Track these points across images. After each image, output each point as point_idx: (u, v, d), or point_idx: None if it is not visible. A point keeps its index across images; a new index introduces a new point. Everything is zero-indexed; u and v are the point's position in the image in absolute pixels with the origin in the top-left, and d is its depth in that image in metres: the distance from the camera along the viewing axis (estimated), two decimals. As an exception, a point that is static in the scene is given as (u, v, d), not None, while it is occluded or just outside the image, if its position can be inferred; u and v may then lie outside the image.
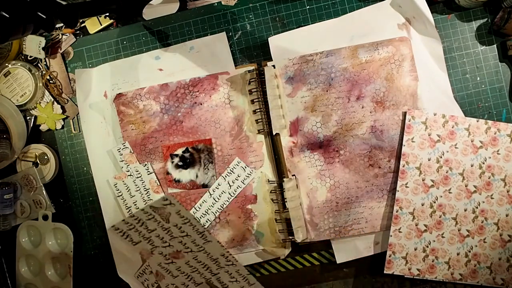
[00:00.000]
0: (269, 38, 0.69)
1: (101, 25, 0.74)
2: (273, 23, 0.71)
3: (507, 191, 0.63)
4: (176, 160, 0.70)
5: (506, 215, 0.63)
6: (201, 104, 0.70)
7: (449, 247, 0.64)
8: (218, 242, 0.55)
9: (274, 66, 0.67)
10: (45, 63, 0.74)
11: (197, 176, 0.70)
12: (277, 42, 0.69)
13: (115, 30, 0.74)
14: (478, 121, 0.64)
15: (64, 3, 0.53)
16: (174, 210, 0.54)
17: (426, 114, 0.64)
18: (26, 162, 0.75)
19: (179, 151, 0.70)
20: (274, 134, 0.67)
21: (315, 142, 0.67)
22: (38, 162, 0.74)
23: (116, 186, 0.70)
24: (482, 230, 0.64)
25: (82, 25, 0.74)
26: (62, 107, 0.75)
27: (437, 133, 0.64)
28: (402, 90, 0.66)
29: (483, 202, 0.64)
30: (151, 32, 0.73)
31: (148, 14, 0.68)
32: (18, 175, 0.75)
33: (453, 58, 0.69)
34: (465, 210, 0.64)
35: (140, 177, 0.70)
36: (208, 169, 0.70)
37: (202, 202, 0.69)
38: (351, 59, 0.66)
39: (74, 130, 0.75)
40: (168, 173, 0.70)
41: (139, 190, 0.70)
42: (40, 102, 0.75)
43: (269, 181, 0.69)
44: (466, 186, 0.64)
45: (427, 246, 0.64)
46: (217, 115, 0.70)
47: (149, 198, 0.70)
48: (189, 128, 0.70)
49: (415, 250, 0.64)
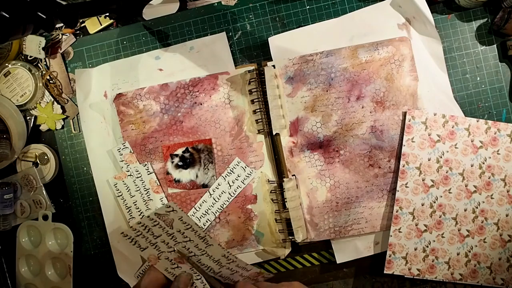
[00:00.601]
0: (269, 38, 0.69)
1: (101, 25, 0.74)
2: (273, 23, 0.71)
3: (507, 191, 0.63)
4: (176, 160, 0.70)
5: (506, 215, 0.63)
6: (201, 104, 0.70)
7: (449, 247, 0.64)
8: (219, 244, 0.56)
9: (274, 66, 0.67)
10: (45, 63, 0.74)
11: (197, 176, 0.70)
12: (277, 42, 0.69)
13: (115, 30, 0.74)
14: (478, 121, 0.64)
15: (64, 3, 0.53)
16: (176, 217, 0.55)
17: (426, 114, 0.64)
18: (26, 162, 0.75)
19: (179, 151, 0.70)
20: (274, 134, 0.67)
21: (315, 142, 0.67)
22: (38, 162, 0.74)
23: (116, 186, 0.71)
24: (482, 230, 0.63)
25: (82, 25, 0.74)
26: (62, 107, 0.75)
27: (437, 133, 0.64)
28: (402, 90, 0.66)
29: (483, 202, 0.64)
30: (151, 32, 0.73)
31: (148, 14, 0.68)
32: (18, 175, 0.75)
33: (453, 58, 0.69)
34: (465, 210, 0.64)
35: (140, 177, 0.70)
36: (208, 169, 0.70)
37: (202, 202, 0.69)
38: (351, 59, 0.66)
39: (74, 130, 0.75)
40: (168, 173, 0.70)
41: (139, 190, 0.70)
42: (40, 102, 0.75)
43: (269, 181, 0.69)
44: (466, 186, 0.64)
45: (427, 246, 0.64)
46: (217, 115, 0.70)
47: (149, 198, 0.70)
48: (189, 128, 0.70)
49: (415, 250, 0.64)
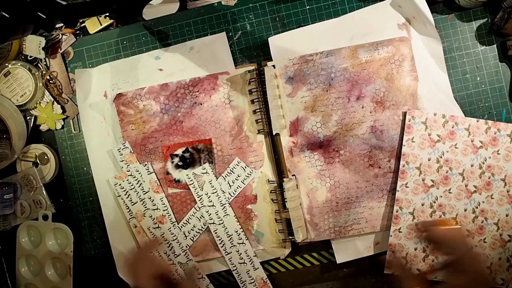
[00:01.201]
0: (269, 38, 0.69)
1: (101, 25, 0.74)
2: (273, 23, 0.71)
3: (507, 191, 0.63)
4: (176, 160, 0.70)
5: (506, 215, 0.63)
6: (201, 104, 0.70)
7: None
8: (234, 216, 0.57)
9: (274, 66, 0.67)
10: (45, 63, 0.74)
11: (197, 176, 0.70)
12: (277, 42, 0.69)
13: (115, 30, 0.74)
14: (478, 121, 0.64)
15: (64, 3, 0.53)
16: (208, 179, 0.57)
17: (426, 114, 0.64)
18: (26, 162, 0.75)
19: (179, 151, 0.70)
20: (274, 134, 0.67)
21: (315, 142, 0.67)
22: (38, 162, 0.74)
23: (116, 186, 0.70)
24: (482, 230, 0.63)
25: (82, 25, 0.74)
26: (62, 107, 0.75)
27: (437, 133, 0.64)
28: (402, 90, 0.66)
29: (483, 202, 0.64)
30: (151, 32, 0.73)
31: (148, 14, 0.68)
32: (18, 175, 0.75)
33: (453, 58, 0.69)
34: (465, 210, 0.64)
35: (140, 177, 0.70)
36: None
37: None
38: (351, 59, 0.66)
39: (74, 130, 0.75)
40: (168, 173, 0.70)
41: (139, 190, 0.70)
42: (40, 102, 0.75)
43: (269, 181, 0.69)
44: (466, 186, 0.64)
45: (427, 246, 0.64)
46: (217, 115, 0.70)
47: (149, 198, 0.70)
48: (189, 128, 0.70)
49: (415, 250, 0.64)
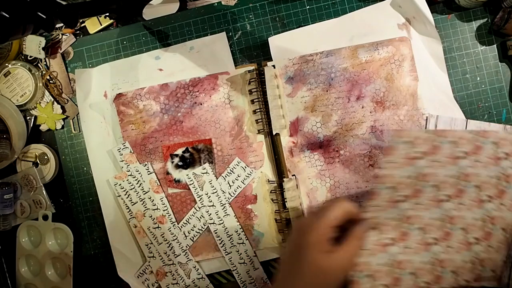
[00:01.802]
0: (269, 38, 0.69)
1: (101, 25, 0.74)
2: (273, 23, 0.71)
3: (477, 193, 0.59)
4: (176, 160, 0.70)
5: (475, 219, 0.59)
6: (201, 104, 0.70)
7: (414, 257, 0.59)
8: (234, 216, 0.56)
9: (274, 66, 0.67)
10: (45, 63, 0.74)
11: (197, 176, 0.70)
12: (277, 42, 0.69)
13: (115, 30, 0.74)
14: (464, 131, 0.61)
15: (64, 3, 0.53)
16: (208, 179, 0.56)
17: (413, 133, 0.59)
18: (26, 162, 0.75)
19: (179, 151, 0.70)
20: (274, 134, 0.67)
21: (315, 142, 0.67)
22: (38, 162, 0.74)
23: (116, 186, 0.71)
24: (449, 236, 0.59)
25: (82, 25, 0.74)
26: (62, 107, 0.75)
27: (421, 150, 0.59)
28: (402, 90, 0.66)
29: (454, 209, 0.59)
30: (151, 32, 0.73)
31: (148, 14, 0.68)
32: (18, 175, 0.75)
33: (453, 58, 0.69)
34: (432, 219, 0.59)
35: (140, 177, 0.70)
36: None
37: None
38: (351, 59, 0.66)
39: (74, 130, 0.75)
40: (168, 173, 0.70)
41: (139, 190, 0.70)
42: (40, 102, 0.75)
43: (269, 181, 0.69)
44: (437, 196, 0.59)
45: (394, 259, 0.59)
46: (217, 115, 0.70)
47: (149, 198, 0.70)
48: (189, 128, 0.70)
49: (379, 265, 0.58)
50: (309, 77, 0.67)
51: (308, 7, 0.70)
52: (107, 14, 0.73)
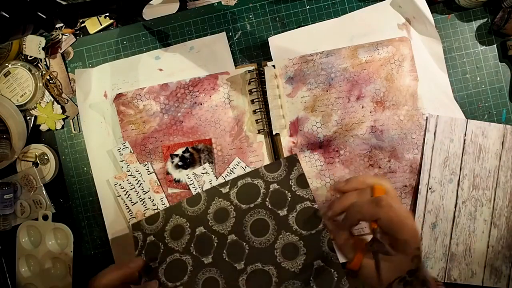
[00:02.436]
0: (269, 38, 0.69)
1: (101, 25, 0.74)
2: (273, 23, 0.71)
3: None
4: (176, 160, 0.70)
5: None
6: (201, 104, 0.70)
7: None
8: None
9: (274, 66, 0.67)
10: (45, 63, 0.74)
11: (197, 176, 0.70)
12: (277, 42, 0.69)
13: (115, 30, 0.74)
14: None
15: (64, 3, 0.53)
16: (208, 179, 0.64)
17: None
18: (26, 162, 0.75)
19: (179, 151, 0.70)
20: (274, 134, 0.67)
21: (315, 142, 0.67)
22: (38, 162, 0.74)
23: (116, 186, 0.71)
24: None
25: (82, 25, 0.74)
26: (62, 107, 0.75)
27: None
28: (402, 90, 0.66)
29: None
30: (151, 32, 0.73)
31: (148, 14, 0.68)
32: (18, 175, 0.75)
33: (453, 58, 0.69)
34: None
35: (140, 177, 0.70)
36: (208, 169, 0.70)
37: (202, 202, 0.70)
38: (351, 59, 0.66)
39: (74, 130, 0.75)
40: (168, 173, 0.70)
41: (139, 190, 0.70)
42: (40, 102, 0.75)
43: (269, 181, 0.69)
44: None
45: None
46: (217, 115, 0.70)
47: (149, 198, 0.70)
48: (189, 128, 0.70)
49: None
50: (309, 77, 0.67)
51: (308, 7, 0.70)
52: (107, 14, 0.73)
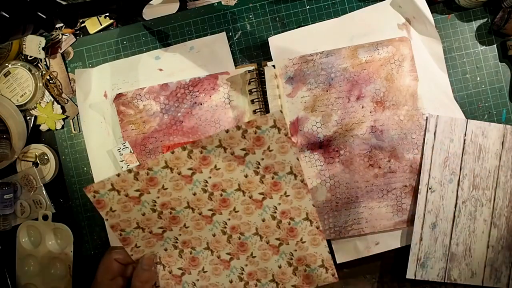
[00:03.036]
0: (269, 38, 0.69)
1: (101, 25, 0.74)
2: (273, 23, 0.71)
3: (250, 197, 0.57)
4: (176, 160, 0.70)
5: (262, 220, 0.57)
6: (201, 104, 0.70)
7: (218, 279, 0.57)
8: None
9: (274, 66, 0.67)
10: (45, 63, 0.74)
11: (197, 176, 0.70)
12: (277, 42, 0.69)
13: (115, 30, 0.74)
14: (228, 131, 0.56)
15: (64, 3, 0.53)
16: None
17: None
18: (26, 162, 0.75)
19: (179, 151, 0.70)
20: (274, 134, 0.67)
21: (315, 142, 0.67)
22: (38, 162, 0.74)
23: (116, 186, 0.71)
24: (244, 247, 0.57)
25: (82, 25, 0.74)
26: (62, 107, 0.75)
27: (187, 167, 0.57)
28: (402, 90, 0.66)
29: (228, 219, 0.57)
30: (151, 32, 0.73)
31: (148, 14, 0.68)
32: (18, 175, 0.75)
33: (453, 58, 0.69)
34: (214, 236, 0.57)
35: (140, 177, 0.70)
36: (208, 169, 0.70)
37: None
38: (351, 59, 0.66)
39: (74, 130, 0.75)
40: (168, 173, 0.70)
41: (139, 190, 0.70)
42: (40, 102, 0.75)
43: (269, 181, 0.69)
44: (201, 214, 0.57)
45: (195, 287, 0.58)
46: (217, 115, 0.70)
47: (149, 198, 0.70)
48: (189, 128, 0.70)
49: None
50: (309, 77, 0.67)
51: (308, 7, 0.70)
52: (107, 14, 0.73)
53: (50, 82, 0.75)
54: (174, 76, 0.71)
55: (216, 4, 0.72)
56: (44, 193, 0.74)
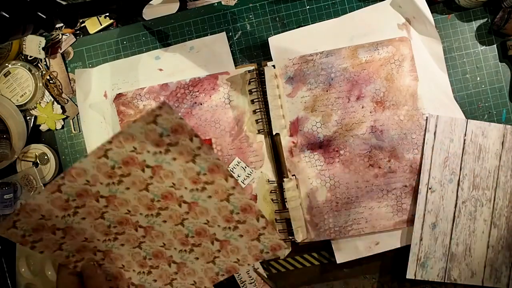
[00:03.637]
0: (269, 38, 0.69)
1: (101, 25, 0.74)
2: (273, 23, 0.71)
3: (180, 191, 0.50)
4: (176, 160, 0.70)
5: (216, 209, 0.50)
6: (201, 104, 0.70)
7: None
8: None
9: (274, 66, 0.67)
10: (45, 63, 0.74)
11: (197, 176, 0.70)
12: (277, 42, 0.69)
13: (115, 30, 0.74)
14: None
15: (64, 3, 0.53)
16: None
17: None
18: (26, 162, 0.75)
19: (179, 151, 0.70)
20: (274, 134, 0.67)
21: (315, 142, 0.67)
22: (38, 162, 0.74)
23: (116, 186, 0.70)
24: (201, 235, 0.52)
25: (82, 25, 0.74)
26: (62, 107, 0.75)
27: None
28: (402, 90, 0.66)
29: (160, 223, 0.51)
30: (151, 32, 0.73)
31: (148, 14, 0.68)
32: (18, 175, 0.75)
33: (453, 58, 0.69)
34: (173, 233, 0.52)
35: (140, 177, 0.70)
36: (208, 169, 0.70)
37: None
38: (351, 59, 0.66)
39: (74, 130, 0.75)
40: (168, 173, 0.70)
41: (139, 190, 0.70)
42: (40, 102, 0.75)
43: (269, 181, 0.69)
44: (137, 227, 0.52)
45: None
46: (217, 115, 0.70)
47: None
48: (189, 128, 0.70)
49: None
50: (309, 77, 0.67)
51: (308, 7, 0.70)
52: (107, 14, 0.73)
53: (50, 82, 0.75)
54: (174, 76, 0.71)
55: (216, 4, 0.72)
56: (44, 193, 0.74)
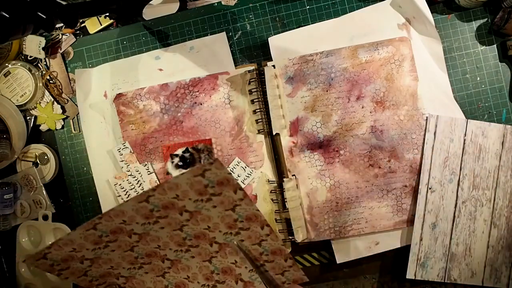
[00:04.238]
0: (269, 38, 0.69)
1: (101, 25, 0.74)
2: (273, 23, 0.71)
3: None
4: (176, 160, 0.70)
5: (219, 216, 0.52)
6: (201, 104, 0.70)
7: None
8: None
9: (274, 66, 0.67)
10: (45, 63, 0.74)
11: (197, 176, 0.70)
12: (277, 42, 0.69)
13: (115, 30, 0.74)
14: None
15: (64, 3, 0.53)
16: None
17: None
18: (26, 162, 0.75)
19: (179, 151, 0.70)
20: (274, 134, 0.67)
21: (315, 142, 0.67)
22: (38, 162, 0.74)
23: (116, 186, 0.70)
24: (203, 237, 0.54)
25: (82, 25, 0.74)
26: (62, 107, 0.75)
27: None
28: (402, 90, 0.66)
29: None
30: (151, 32, 0.73)
31: (148, 14, 0.68)
32: (18, 175, 0.75)
33: (453, 58, 0.69)
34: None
35: (140, 177, 0.70)
36: (208, 169, 0.70)
37: (202, 202, 0.69)
38: (351, 59, 0.66)
39: (74, 130, 0.75)
40: (168, 173, 0.70)
41: (139, 190, 0.70)
42: (40, 102, 0.75)
43: (269, 181, 0.69)
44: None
45: None
46: (217, 115, 0.70)
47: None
48: (189, 128, 0.70)
49: None
50: (309, 77, 0.67)
51: (308, 7, 0.70)
52: (107, 14, 0.73)
53: (50, 82, 0.75)
54: (174, 76, 0.71)
55: (216, 4, 0.72)
56: (44, 193, 0.74)
